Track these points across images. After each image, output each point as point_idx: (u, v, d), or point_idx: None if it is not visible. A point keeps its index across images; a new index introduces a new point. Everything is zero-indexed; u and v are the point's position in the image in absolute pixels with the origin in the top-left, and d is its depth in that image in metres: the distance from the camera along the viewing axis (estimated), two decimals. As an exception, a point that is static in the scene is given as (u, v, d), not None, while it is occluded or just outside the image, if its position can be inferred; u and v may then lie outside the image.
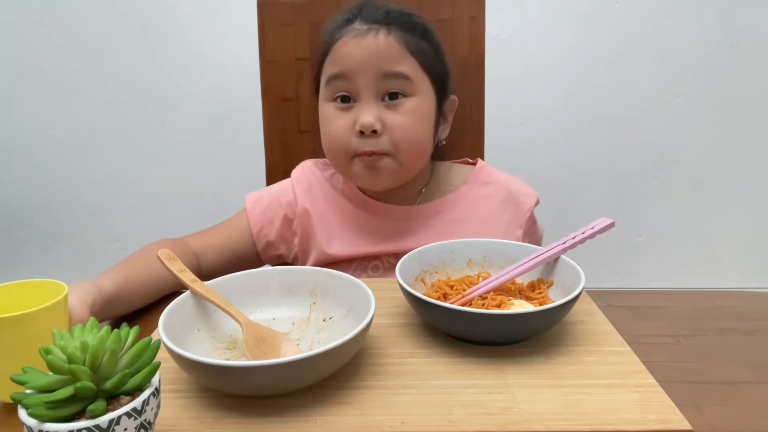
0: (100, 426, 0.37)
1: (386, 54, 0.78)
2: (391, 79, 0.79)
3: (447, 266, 0.71)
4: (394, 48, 0.79)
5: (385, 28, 0.79)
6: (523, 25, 1.66)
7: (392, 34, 0.79)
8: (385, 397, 0.50)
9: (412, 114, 0.80)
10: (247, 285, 0.64)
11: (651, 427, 0.46)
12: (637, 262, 1.85)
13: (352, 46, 0.79)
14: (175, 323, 0.55)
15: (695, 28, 1.66)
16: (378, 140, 0.79)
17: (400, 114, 0.79)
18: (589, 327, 0.61)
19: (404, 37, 0.80)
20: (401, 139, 0.79)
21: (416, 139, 0.81)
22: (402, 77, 0.79)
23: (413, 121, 0.80)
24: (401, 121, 0.79)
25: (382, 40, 0.79)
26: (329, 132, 0.82)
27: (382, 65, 0.78)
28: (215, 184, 1.75)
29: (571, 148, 1.75)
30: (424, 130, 0.82)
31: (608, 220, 0.66)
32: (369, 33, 0.79)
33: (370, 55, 0.78)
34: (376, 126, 0.78)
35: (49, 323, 0.50)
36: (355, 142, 0.80)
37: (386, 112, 0.79)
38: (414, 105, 0.80)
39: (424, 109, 0.82)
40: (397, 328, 0.62)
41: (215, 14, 1.68)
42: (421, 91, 0.81)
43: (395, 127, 0.79)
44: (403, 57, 0.79)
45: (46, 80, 1.74)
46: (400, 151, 0.80)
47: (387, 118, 0.79)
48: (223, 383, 0.49)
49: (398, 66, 0.79)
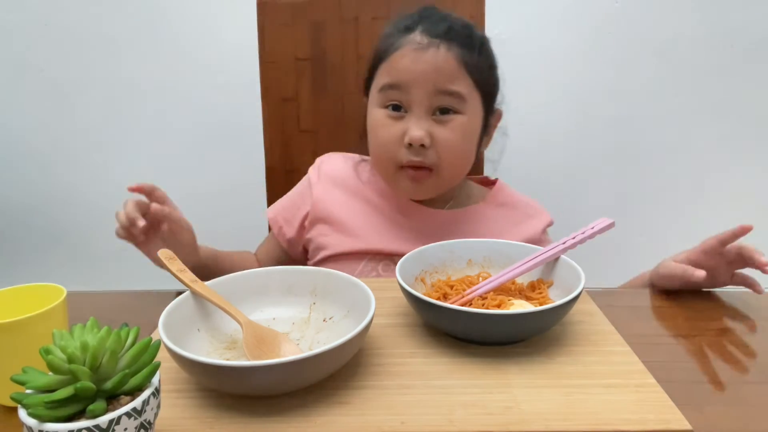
0: (100, 426, 0.37)
1: (444, 71, 0.79)
2: (445, 96, 0.80)
3: (447, 266, 0.71)
4: (452, 65, 0.79)
5: (445, 43, 0.80)
6: (523, 25, 1.66)
7: (452, 50, 0.80)
8: (385, 397, 0.50)
9: (461, 131, 0.81)
10: (247, 285, 0.64)
11: (651, 427, 0.46)
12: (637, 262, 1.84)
13: (411, 59, 0.80)
14: (175, 323, 0.55)
15: (695, 28, 1.66)
16: (425, 153, 0.81)
17: (448, 130, 0.81)
18: (589, 327, 0.61)
19: (463, 55, 0.80)
20: (447, 155, 0.81)
21: (461, 155, 0.84)
22: (456, 96, 0.80)
23: (461, 139, 0.82)
24: (449, 137, 0.81)
25: (442, 57, 0.79)
26: (378, 139, 0.84)
27: (439, 82, 0.79)
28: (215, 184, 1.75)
29: (571, 148, 1.75)
30: (469, 145, 0.84)
31: (608, 220, 0.66)
32: (430, 48, 0.79)
33: (428, 71, 0.79)
34: (425, 141, 0.80)
35: (48, 327, 0.50)
36: (403, 153, 0.82)
37: (435, 126, 0.81)
38: (463, 122, 0.81)
39: (472, 126, 0.83)
40: (397, 328, 0.62)
41: (215, 14, 1.68)
42: (471, 109, 0.82)
43: (442, 143, 0.81)
44: (460, 75, 0.80)
45: (46, 80, 1.74)
46: (445, 166, 0.82)
47: (436, 132, 0.81)
48: (223, 383, 0.49)
49: (454, 85, 0.80)
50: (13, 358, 0.48)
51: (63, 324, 0.53)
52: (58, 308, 0.52)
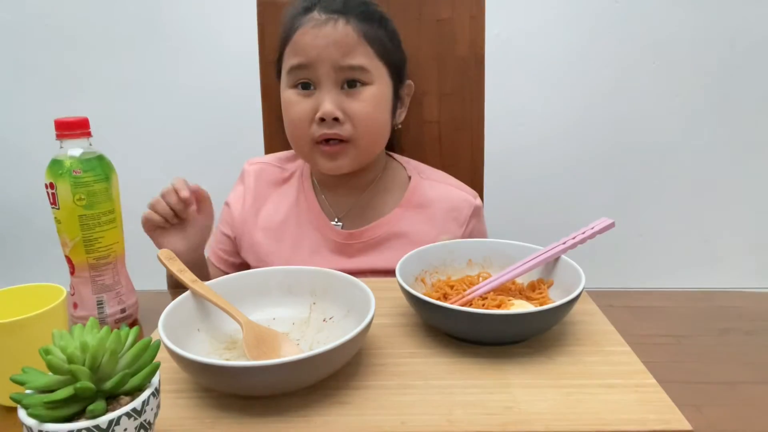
0: (99, 426, 0.37)
1: (344, 45, 0.80)
2: (348, 70, 0.81)
3: (447, 266, 0.71)
4: (351, 38, 0.80)
5: (343, 17, 0.81)
6: (523, 25, 1.66)
7: (350, 23, 0.81)
8: (385, 397, 0.50)
9: (371, 101, 0.82)
10: (247, 285, 0.64)
11: (651, 427, 0.46)
12: (637, 262, 1.85)
13: (311, 36, 0.81)
14: (175, 323, 0.55)
15: (695, 28, 1.66)
16: (339, 126, 0.82)
17: (359, 101, 0.82)
18: (589, 327, 0.61)
19: (362, 27, 0.81)
20: (361, 125, 0.82)
21: (376, 124, 0.85)
22: (359, 69, 0.81)
23: (372, 108, 0.83)
24: (361, 108, 0.82)
25: (341, 31, 0.80)
26: (291, 118, 0.85)
27: (340, 56, 0.80)
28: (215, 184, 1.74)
29: (570, 148, 1.75)
30: (382, 115, 0.85)
31: (608, 220, 0.66)
32: (327, 23, 0.81)
33: (328, 45, 0.80)
34: (337, 114, 0.81)
35: (48, 327, 0.50)
36: (315, 129, 0.82)
37: (346, 99, 0.82)
38: (372, 92, 0.83)
39: (382, 95, 0.84)
40: (397, 328, 0.62)
41: (215, 14, 1.68)
42: (378, 79, 0.83)
43: (355, 115, 0.82)
44: (361, 47, 0.81)
45: (46, 80, 1.74)
46: (361, 137, 0.83)
47: (347, 105, 0.82)
48: (223, 383, 0.49)
49: (355, 58, 0.81)
50: (13, 358, 0.48)
51: (63, 324, 0.53)
52: (58, 308, 0.52)
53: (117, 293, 0.69)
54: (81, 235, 0.65)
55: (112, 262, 0.68)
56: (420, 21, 1.02)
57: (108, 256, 0.68)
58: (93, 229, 0.66)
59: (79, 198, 0.64)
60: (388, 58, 0.84)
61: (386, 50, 0.84)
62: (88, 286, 0.68)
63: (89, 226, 0.65)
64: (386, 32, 0.85)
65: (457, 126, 1.03)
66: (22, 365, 0.40)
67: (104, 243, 0.67)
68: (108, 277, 0.68)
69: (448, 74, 1.02)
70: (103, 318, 0.68)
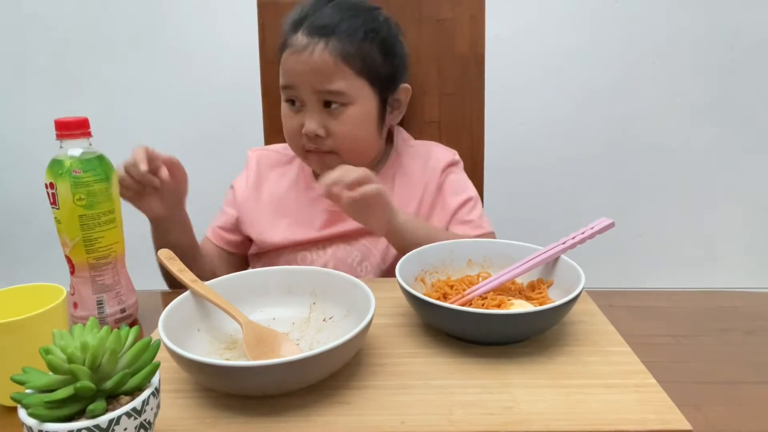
0: (100, 426, 0.37)
1: (321, 71, 0.83)
2: (326, 93, 0.84)
3: (447, 266, 0.71)
4: (328, 64, 0.83)
5: (323, 41, 0.83)
6: (523, 25, 1.66)
7: (329, 47, 0.83)
8: (385, 397, 0.50)
9: (352, 121, 0.86)
10: (247, 285, 0.64)
11: (651, 427, 0.46)
12: (637, 262, 1.84)
13: (292, 61, 0.85)
14: (175, 323, 0.55)
15: (695, 28, 1.66)
16: (324, 141, 0.86)
17: (340, 122, 0.85)
18: (589, 327, 0.61)
19: (342, 48, 0.83)
20: (343, 144, 0.86)
21: (357, 141, 0.88)
22: (336, 93, 0.84)
23: (352, 128, 0.86)
24: (341, 129, 0.85)
25: (318, 57, 0.83)
26: (285, 129, 0.90)
27: (317, 83, 0.84)
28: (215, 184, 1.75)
29: (570, 148, 1.75)
30: (364, 131, 0.88)
31: (608, 220, 0.66)
32: (307, 48, 0.83)
33: (307, 72, 0.83)
34: (319, 132, 0.85)
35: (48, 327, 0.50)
36: (305, 141, 0.87)
37: (328, 118, 0.86)
38: (352, 112, 0.86)
39: (364, 113, 0.87)
40: (397, 328, 0.62)
41: (215, 14, 1.68)
42: (359, 98, 0.86)
43: (337, 134, 0.86)
44: (338, 71, 0.83)
45: (46, 80, 1.74)
46: (344, 152, 0.87)
47: (329, 124, 0.86)
48: (223, 383, 0.49)
49: (332, 83, 0.83)
50: (13, 358, 0.48)
51: (63, 324, 0.53)
52: (58, 308, 0.52)
53: (117, 293, 0.69)
54: (81, 235, 0.65)
55: (112, 262, 0.68)
56: (420, 21, 1.02)
57: (108, 256, 0.68)
58: (93, 229, 0.66)
59: (79, 198, 0.64)
60: (372, 73, 0.86)
61: (370, 66, 0.85)
62: (89, 286, 0.68)
63: (89, 226, 0.65)
64: (374, 45, 0.86)
65: (457, 126, 1.03)
66: (22, 365, 0.41)
67: (104, 243, 0.67)
68: (108, 277, 0.68)
69: (448, 74, 1.02)
70: (103, 318, 0.68)
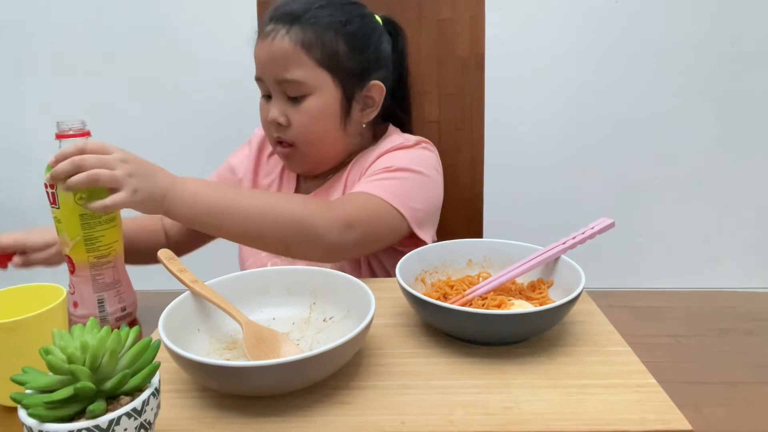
0: (100, 426, 0.37)
1: (279, 59, 0.82)
2: (284, 83, 0.83)
3: (447, 266, 0.71)
4: (286, 51, 0.81)
5: (285, 28, 0.82)
6: (523, 25, 1.66)
7: (290, 33, 0.81)
8: (385, 397, 0.50)
9: (308, 112, 0.84)
10: (247, 285, 0.64)
11: (651, 427, 0.46)
12: (637, 262, 1.85)
13: (258, 49, 0.85)
14: (175, 323, 0.55)
15: (695, 28, 1.66)
16: (286, 131, 0.85)
17: (299, 113, 0.84)
18: (589, 327, 0.61)
19: (303, 36, 0.81)
20: (300, 135, 0.85)
21: (314, 134, 0.86)
22: (293, 82, 0.82)
23: (310, 119, 0.84)
24: (299, 119, 0.84)
25: (276, 45, 0.81)
26: (261, 121, 0.90)
27: (276, 72, 0.82)
28: (215, 184, 1.75)
29: (571, 148, 1.75)
30: (322, 124, 0.85)
31: (608, 220, 0.66)
32: (269, 36, 0.82)
33: (268, 61, 0.83)
34: (280, 120, 0.84)
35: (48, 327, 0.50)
36: (273, 131, 0.87)
37: (290, 108, 0.84)
38: (311, 103, 0.84)
39: (323, 105, 0.84)
40: (397, 328, 0.62)
41: (215, 14, 1.68)
42: (319, 89, 0.83)
43: (295, 125, 0.85)
44: (297, 59, 0.82)
45: (47, 80, 1.74)
46: (302, 144, 0.86)
47: (290, 114, 0.84)
48: (223, 383, 0.49)
49: (289, 71, 0.82)
50: (13, 358, 0.48)
51: (63, 324, 0.53)
52: (58, 308, 0.52)
53: (117, 291, 0.69)
54: (82, 234, 0.65)
55: (112, 260, 0.69)
56: (420, 21, 1.02)
57: (108, 254, 0.68)
58: (94, 228, 0.66)
59: (80, 197, 0.64)
60: (335, 64, 0.83)
61: (333, 57, 0.83)
62: (89, 285, 0.68)
63: (90, 225, 0.65)
64: (340, 36, 0.83)
65: (457, 126, 1.03)
66: (22, 365, 0.40)
67: (105, 242, 0.67)
68: (108, 276, 0.68)
69: (448, 74, 1.02)
70: (104, 316, 0.68)
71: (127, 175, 0.65)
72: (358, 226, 0.75)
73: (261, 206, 0.72)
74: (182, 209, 0.69)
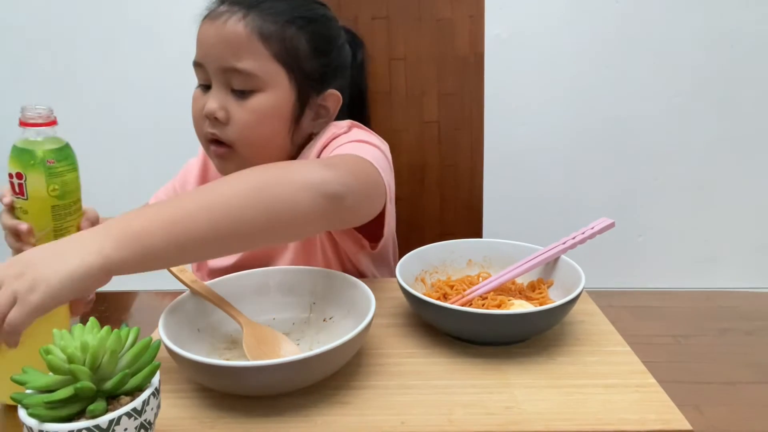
0: (100, 426, 0.37)
1: (231, 44, 0.72)
2: (232, 73, 0.73)
3: (447, 266, 0.71)
4: (240, 38, 0.72)
5: (242, 11, 0.73)
6: (523, 25, 1.66)
7: (246, 19, 0.72)
8: (385, 397, 0.50)
9: (257, 112, 0.74)
10: (247, 285, 0.64)
11: (651, 427, 0.46)
12: (637, 262, 1.84)
13: (203, 31, 0.75)
14: (175, 323, 0.55)
15: (695, 28, 1.66)
16: (223, 128, 0.75)
17: (243, 110, 0.74)
18: (589, 327, 0.61)
19: (262, 24, 0.73)
20: (241, 135, 0.75)
21: (258, 137, 0.76)
22: (244, 73, 0.72)
23: (256, 119, 0.74)
24: (243, 117, 0.74)
25: (230, 28, 0.72)
26: (192, 114, 0.79)
27: (224, 58, 0.72)
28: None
29: (571, 148, 1.75)
30: (269, 128, 0.76)
31: (608, 220, 0.66)
32: (222, 17, 0.73)
33: (216, 44, 0.73)
34: (219, 114, 0.73)
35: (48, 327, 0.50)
36: (207, 126, 0.76)
37: (233, 103, 0.74)
38: (260, 101, 0.74)
39: (274, 105, 0.75)
40: (397, 328, 0.62)
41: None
42: (271, 85, 0.74)
43: (237, 122, 0.74)
44: (251, 48, 0.72)
45: (46, 80, 1.74)
46: (242, 146, 0.75)
47: (232, 110, 0.74)
48: (223, 383, 0.49)
49: (241, 60, 0.72)
50: (13, 358, 0.48)
51: (63, 324, 0.53)
52: (58, 309, 0.52)
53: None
54: (53, 225, 0.64)
55: None
56: (420, 21, 1.01)
57: None
58: (64, 218, 0.64)
59: (53, 188, 0.63)
60: (293, 61, 0.75)
61: (291, 53, 0.75)
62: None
63: (61, 216, 0.64)
64: (301, 33, 0.76)
65: (457, 126, 1.03)
66: (22, 365, 0.40)
67: (72, 232, 0.65)
68: None
69: (448, 74, 1.02)
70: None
71: (13, 277, 0.46)
72: (342, 166, 0.64)
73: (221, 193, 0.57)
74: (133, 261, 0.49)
